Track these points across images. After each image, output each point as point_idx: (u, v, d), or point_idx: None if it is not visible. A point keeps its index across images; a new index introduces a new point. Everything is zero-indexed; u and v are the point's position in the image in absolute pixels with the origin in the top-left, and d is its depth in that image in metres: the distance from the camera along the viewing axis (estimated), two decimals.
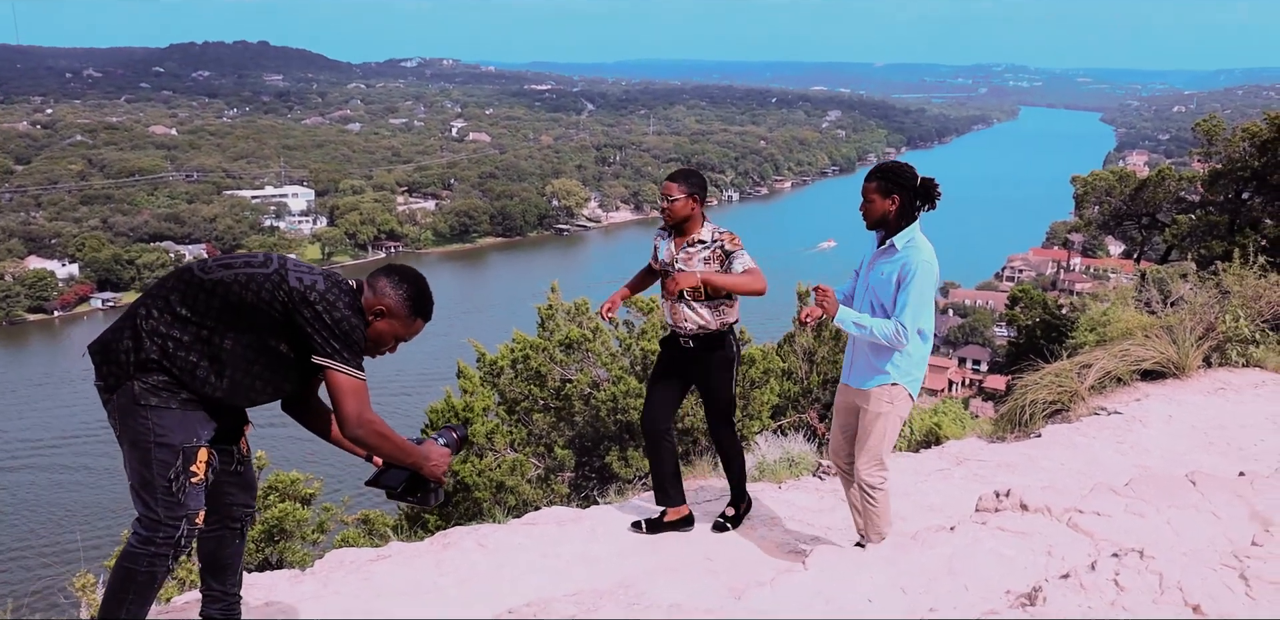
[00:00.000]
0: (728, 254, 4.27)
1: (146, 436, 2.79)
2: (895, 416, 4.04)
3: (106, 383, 2.85)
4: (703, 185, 4.38)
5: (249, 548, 6.83)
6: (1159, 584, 2.67)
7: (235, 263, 2.90)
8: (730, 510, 4.74)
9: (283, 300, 2.80)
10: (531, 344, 8.24)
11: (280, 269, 2.86)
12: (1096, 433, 6.13)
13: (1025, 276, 77.18)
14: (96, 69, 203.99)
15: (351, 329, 2.83)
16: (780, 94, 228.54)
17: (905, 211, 3.91)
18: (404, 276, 2.99)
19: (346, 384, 2.83)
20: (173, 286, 2.86)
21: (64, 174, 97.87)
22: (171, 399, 2.82)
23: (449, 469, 3.09)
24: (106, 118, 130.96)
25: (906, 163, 4.00)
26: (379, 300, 2.93)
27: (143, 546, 2.80)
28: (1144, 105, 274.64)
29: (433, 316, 3.07)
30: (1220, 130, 15.72)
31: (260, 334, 2.84)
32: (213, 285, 2.82)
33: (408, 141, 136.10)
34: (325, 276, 2.90)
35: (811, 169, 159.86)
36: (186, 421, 2.83)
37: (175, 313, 2.82)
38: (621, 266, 65.53)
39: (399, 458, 2.96)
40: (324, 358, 2.81)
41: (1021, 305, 14.47)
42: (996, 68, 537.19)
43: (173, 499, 2.79)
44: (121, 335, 2.85)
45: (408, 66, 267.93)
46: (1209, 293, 7.77)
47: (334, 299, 2.83)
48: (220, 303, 2.81)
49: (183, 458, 2.80)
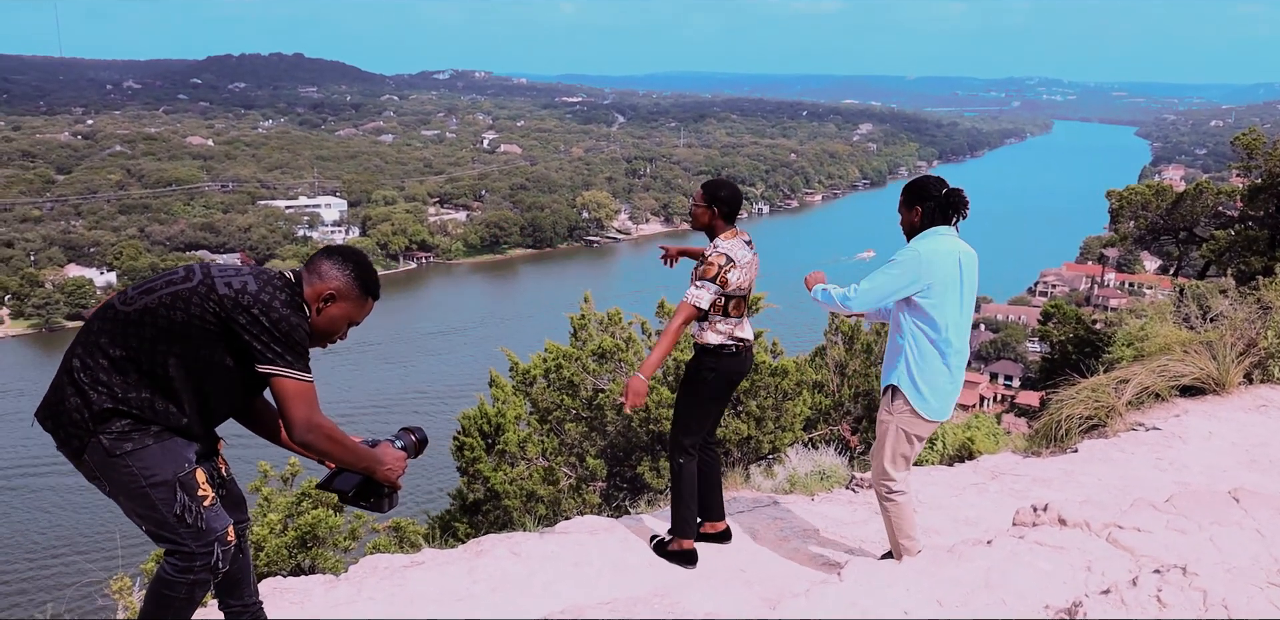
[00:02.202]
0: (697, 276, 4.26)
1: (138, 482, 2.68)
2: (894, 427, 3.98)
3: (70, 446, 2.71)
4: (724, 198, 4.30)
5: (282, 554, 6.88)
6: (1203, 601, 2.63)
7: (156, 285, 2.74)
8: (667, 535, 4.52)
9: (214, 310, 2.65)
10: (564, 353, 8.26)
11: (205, 279, 2.71)
12: (1134, 448, 6.05)
13: (1058, 292, 76.42)
14: (136, 81, 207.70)
15: (292, 329, 2.68)
16: (811, 107, 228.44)
17: (930, 222, 3.98)
18: (346, 256, 2.84)
19: (293, 388, 2.69)
20: (99, 329, 2.71)
21: (103, 184, 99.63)
22: (144, 437, 2.69)
23: (404, 472, 2.95)
24: (145, 129, 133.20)
25: (933, 176, 4.07)
26: (325, 284, 2.78)
27: (181, 576, 2.74)
28: (1181, 119, 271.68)
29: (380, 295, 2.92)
30: (1260, 144, 15.51)
31: (202, 352, 2.70)
32: (139, 316, 2.68)
33: (439, 153, 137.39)
34: (255, 276, 2.74)
35: (842, 182, 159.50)
36: (169, 453, 2.72)
37: (110, 355, 2.67)
38: (652, 277, 65.68)
39: (351, 462, 2.86)
40: (267, 365, 2.67)
41: (1055, 320, 14.33)
42: (1030, 81, 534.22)
43: (195, 529, 2.71)
44: (64, 395, 2.70)
45: (440, 78, 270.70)
46: (1249, 308, 7.66)
47: (269, 299, 2.67)
48: (151, 332, 2.67)
49: (182, 489, 2.70)
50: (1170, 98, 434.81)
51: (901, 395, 3.97)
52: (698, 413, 4.39)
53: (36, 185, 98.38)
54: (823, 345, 9.59)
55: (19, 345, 72.36)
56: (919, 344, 3.94)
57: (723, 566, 4.43)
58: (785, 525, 4.90)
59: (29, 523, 38.50)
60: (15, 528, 38.05)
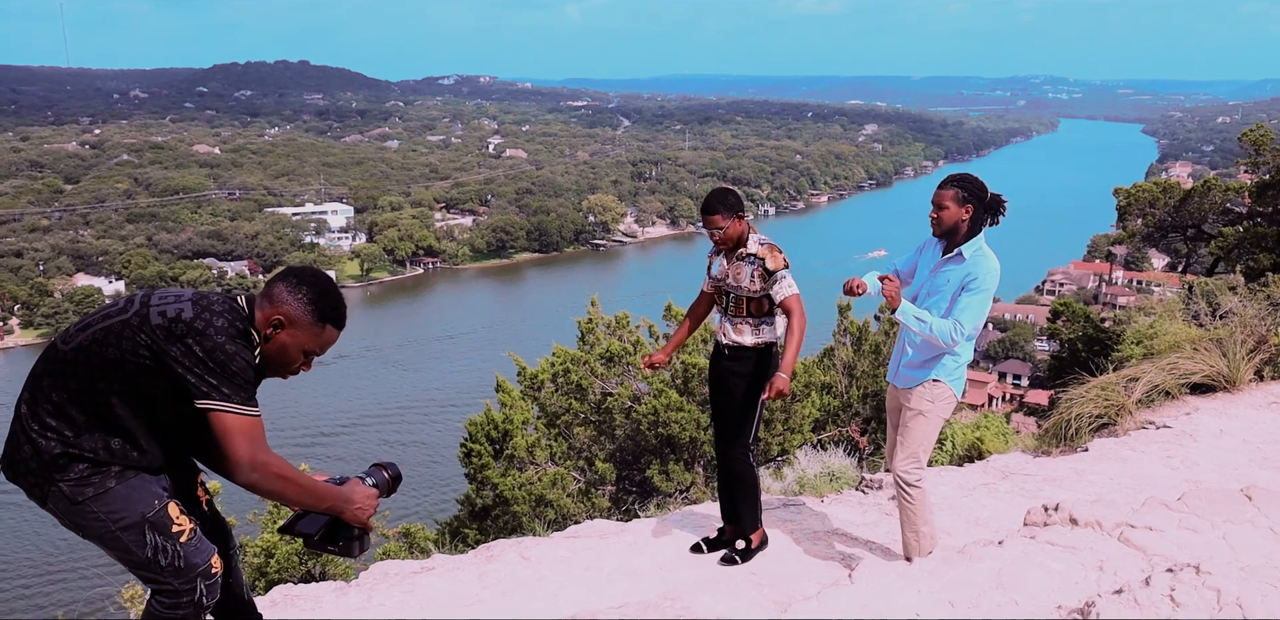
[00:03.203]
0: (769, 273, 4.22)
1: (107, 527, 2.54)
2: (936, 415, 4.08)
3: (35, 495, 2.57)
4: (739, 201, 4.36)
5: (292, 561, 6.89)
6: (1217, 600, 2.61)
7: (94, 320, 2.56)
8: (741, 542, 4.46)
9: (146, 343, 2.45)
10: (572, 357, 8.26)
11: (141, 309, 2.51)
12: (1145, 447, 6.02)
13: (1066, 290, 76.24)
14: (143, 90, 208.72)
15: (228, 358, 2.46)
16: (816, 108, 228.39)
17: (975, 222, 3.97)
18: (302, 278, 2.59)
19: (233, 424, 2.45)
20: (41, 371, 2.57)
21: (111, 193, 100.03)
22: (106, 479, 2.53)
23: (374, 512, 2.68)
24: (152, 137, 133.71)
25: (977, 175, 4.05)
26: (275, 309, 2.55)
27: (170, 611, 2.63)
28: (1187, 116, 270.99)
29: (345, 323, 2.65)
30: (1268, 140, 15.47)
31: (141, 388, 2.51)
32: (74, 355, 2.51)
33: (445, 158, 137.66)
34: (195, 301, 2.52)
35: (848, 183, 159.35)
36: (133, 492, 2.55)
37: (53, 400, 2.52)
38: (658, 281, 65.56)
39: (311, 503, 2.59)
40: (203, 399, 2.45)
41: (1064, 319, 14.29)
42: (1035, 80, 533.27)
43: (173, 567, 2.58)
44: (18, 444, 2.56)
45: (445, 84, 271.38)
46: (1259, 305, 7.63)
47: (203, 327, 2.46)
48: (86, 371, 2.50)
49: (152, 529, 2.55)
50: (1177, 94, 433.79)
51: (944, 384, 4.05)
52: (762, 414, 4.40)
53: (45, 195, 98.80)
54: (831, 346, 9.58)
55: (29, 354, 72.67)
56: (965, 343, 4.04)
57: (733, 569, 4.42)
58: (795, 527, 4.89)
59: (36, 536, 38.61)
60: (25, 540, 38.15)
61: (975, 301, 3.90)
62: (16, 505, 42.32)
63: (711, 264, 4.47)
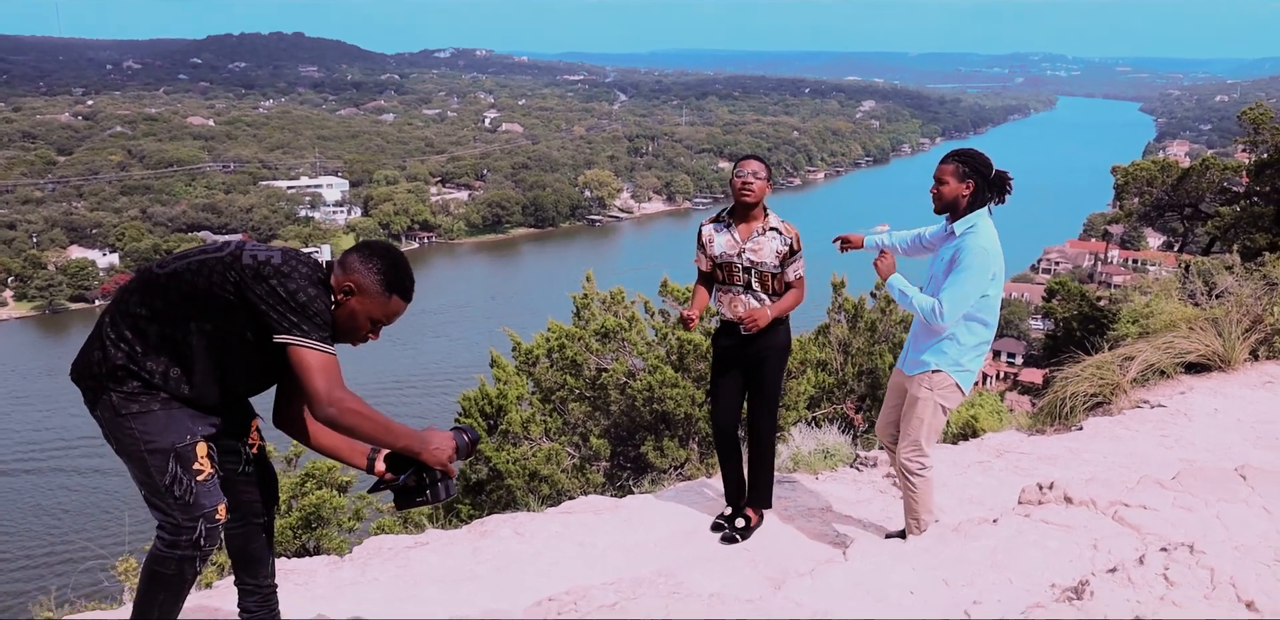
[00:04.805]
0: (792, 253, 4.26)
1: (137, 445, 2.68)
2: (933, 403, 4.02)
3: (88, 399, 2.74)
4: (770, 169, 4.40)
5: (286, 535, 6.90)
6: (1210, 579, 2.61)
7: (191, 253, 2.76)
8: (741, 520, 4.52)
9: (234, 280, 2.62)
10: (567, 333, 8.25)
11: (235, 250, 2.70)
12: (1139, 426, 6.03)
13: (1062, 269, 76.27)
14: (136, 61, 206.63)
15: (310, 300, 2.61)
16: (814, 84, 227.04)
17: (976, 199, 3.89)
18: (374, 250, 2.76)
19: (311, 359, 2.59)
20: (133, 288, 2.74)
21: (104, 165, 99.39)
22: (151, 402, 2.68)
23: (453, 459, 2.77)
24: (145, 109, 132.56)
25: (982, 151, 3.95)
26: (347, 277, 2.70)
27: (169, 550, 2.73)
28: (1186, 94, 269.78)
29: (412, 296, 2.79)
30: (1267, 119, 15.40)
31: (220, 323, 2.67)
32: (167, 279, 2.69)
33: (441, 132, 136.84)
34: (283, 252, 2.71)
35: (845, 160, 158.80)
36: (173, 422, 2.69)
37: (136, 314, 2.69)
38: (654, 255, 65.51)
39: (387, 440, 2.68)
40: (283, 334, 2.60)
41: (1059, 298, 14.31)
42: (1033, 57, 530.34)
43: (183, 501, 2.68)
44: (91, 348, 2.74)
45: (441, 57, 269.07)
46: (1255, 285, 7.62)
47: (289, 271, 2.62)
48: (176, 295, 2.66)
49: (176, 460, 2.68)
50: (1175, 73, 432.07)
51: (945, 374, 3.98)
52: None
53: (37, 167, 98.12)
54: (826, 323, 9.56)
55: (22, 327, 72.52)
56: (971, 328, 3.96)
57: (729, 546, 4.43)
58: (790, 504, 4.89)
59: (36, 507, 38.72)
60: (25, 510, 38.28)
61: (958, 280, 3.82)
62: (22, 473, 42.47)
63: (711, 241, 4.37)
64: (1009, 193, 3.91)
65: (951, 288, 3.83)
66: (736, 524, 4.50)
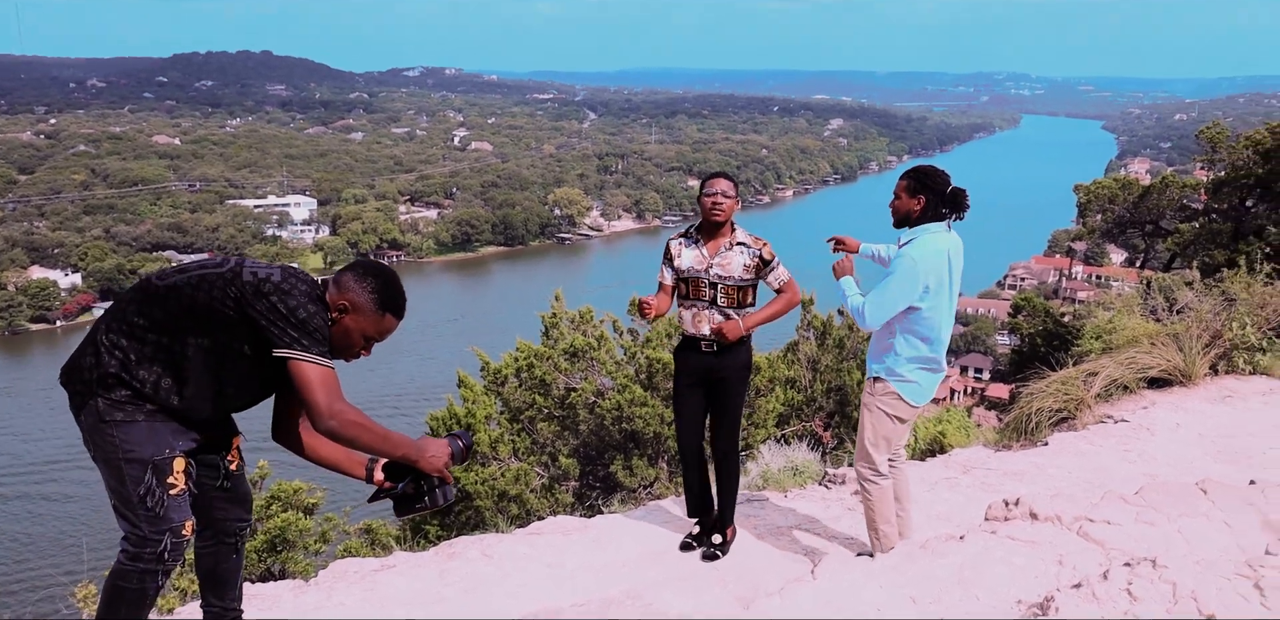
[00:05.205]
0: (765, 262, 4.26)
1: (115, 453, 2.70)
2: (876, 410, 4.07)
3: (74, 404, 2.77)
4: (738, 189, 4.42)
5: (251, 559, 6.79)
6: (1173, 594, 2.63)
7: (191, 267, 2.80)
8: (719, 537, 4.50)
9: (235, 296, 2.67)
10: (535, 352, 8.22)
11: (235, 267, 2.75)
12: (1104, 441, 6.09)
13: (1027, 285, 77.10)
14: (100, 79, 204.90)
15: (310, 316, 2.68)
16: (782, 102, 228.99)
17: (928, 214, 3.97)
18: (368, 270, 2.82)
19: (312, 373, 2.65)
20: (130, 298, 2.78)
21: (67, 184, 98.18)
22: (137, 412, 2.72)
23: (449, 465, 2.84)
24: (110, 128, 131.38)
25: (941, 168, 4.05)
26: (342, 296, 2.76)
27: (131, 563, 2.74)
28: (1146, 113, 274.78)
29: (404, 314, 2.87)
30: (1224, 138, 15.71)
31: (219, 337, 2.72)
32: (166, 291, 2.73)
33: (410, 150, 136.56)
34: (282, 269, 2.77)
35: (813, 177, 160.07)
36: (155, 434, 2.73)
37: (133, 323, 2.73)
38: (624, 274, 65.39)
39: (386, 450, 2.74)
40: (284, 349, 2.65)
41: (1025, 313, 14.46)
42: (998, 76, 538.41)
43: (152, 513, 2.71)
44: (84, 353, 2.77)
45: (410, 76, 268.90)
46: (1214, 300, 7.74)
47: (289, 288, 2.68)
48: (175, 308, 2.71)
49: (153, 471, 2.70)
50: (1136, 92, 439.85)
51: (885, 382, 4.06)
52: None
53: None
54: (795, 340, 9.60)
55: None
56: (909, 340, 4.02)
57: (697, 565, 4.41)
58: (759, 522, 4.89)
59: None
60: None
61: (883, 285, 3.94)
62: None
63: (679, 255, 4.37)
64: (966, 208, 3.98)
65: (875, 291, 3.96)
66: (714, 540, 4.48)
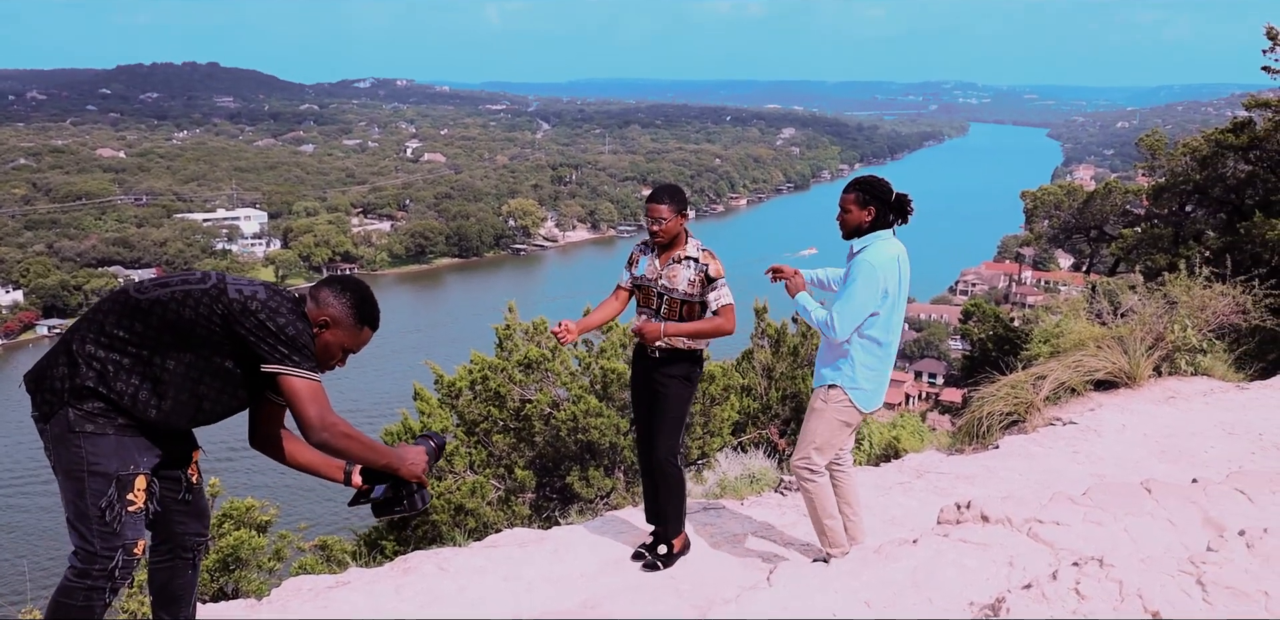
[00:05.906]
0: (710, 280, 4.22)
1: (80, 465, 2.70)
2: (829, 415, 4.12)
3: (41, 412, 2.76)
4: (685, 199, 4.37)
5: (203, 577, 6.67)
6: (1119, 592, 2.69)
7: (173, 281, 2.82)
8: (664, 547, 4.44)
9: (221, 313, 2.72)
10: (490, 365, 8.18)
11: (219, 283, 2.79)
12: (1052, 443, 6.20)
13: (978, 290, 78.18)
14: (41, 91, 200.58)
15: (298, 333, 2.76)
16: (735, 112, 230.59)
17: (878, 223, 4.05)
18: (346, 285, 2.93)
19: (303, 388, 2.75)
20: (109, 309, 2.78)
21: (7, 198, 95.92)
22: (108, 425, 2.72)
23: (427, 470, 3.00)
24: (52, 141, 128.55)
25: (883, 178, 4.12)
26: (322, 311, 2.86)
27: (79, 580, 2.71)
28: (1089, 121, 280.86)
29: (379, 326, 3.00)
30: (1163, 145, 16.10)
31: (202, 352, 2.76)
32: (149, 305, 2.74)
33: (362, 162, 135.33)
34: (266, 286, 2.84)
35: (766, 186, 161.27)
36: (123, 448, 2.73)
37: (113, 335, 2.73)
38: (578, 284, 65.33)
39: (371, 459, 2.88)
40: (274, 365, 2.73)
41: (975, 319, 14.65)
42: (946, 85, 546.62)
43: (108, 529, 2.70)
44: (56, 362, 2.76)
45: (361, 87, 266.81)
46: (1157, 304, 7.92)
47: (276, 305, 2.75)
48: (158, 322, 2.73)
49: (116, 486, 2.71)
50: (1079, 100, 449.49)
51: (840, 389, 4.09)
52: (687, 417, 4.43)
53: None
54: (750, 349, 9.65)
55: None
56: (865, 346, 4.07)
57: (654, 575, 4.41)
58: (716, 531, 4.91)
59: None
60: None
61: (846, 293, 3.98)
62: None
63: (637, 261, 4.41)
64: (910, 213, 4.08)
65: (840, 301, 3.99)
66: (658, 551, 4.46)
